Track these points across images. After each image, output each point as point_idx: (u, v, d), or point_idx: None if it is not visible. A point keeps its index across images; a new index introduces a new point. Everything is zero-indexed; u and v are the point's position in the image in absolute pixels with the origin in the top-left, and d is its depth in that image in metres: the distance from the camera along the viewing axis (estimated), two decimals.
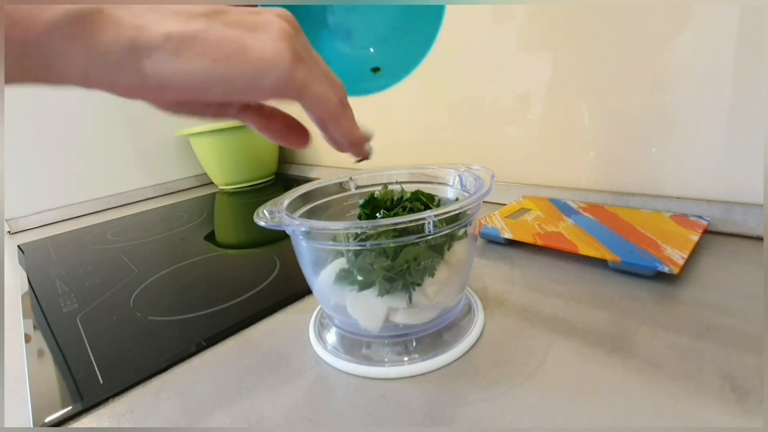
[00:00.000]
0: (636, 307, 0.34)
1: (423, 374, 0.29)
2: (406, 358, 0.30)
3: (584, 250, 0.42)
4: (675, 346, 0.29)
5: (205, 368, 0.33)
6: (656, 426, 0.23)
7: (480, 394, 0.27)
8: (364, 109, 0.95)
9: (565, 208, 0.55)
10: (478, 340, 0.32)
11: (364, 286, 0.30)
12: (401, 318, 0.30)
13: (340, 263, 0.30)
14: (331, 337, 0.34)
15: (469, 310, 0.35)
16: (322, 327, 0.36)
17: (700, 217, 0.47)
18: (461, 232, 0.30)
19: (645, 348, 0.29)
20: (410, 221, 0.26)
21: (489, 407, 0.26)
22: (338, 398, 0.29)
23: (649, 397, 0.25)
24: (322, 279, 0.31)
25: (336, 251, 0.30)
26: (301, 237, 0.30)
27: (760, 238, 0.44)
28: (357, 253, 0.29)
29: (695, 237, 0.42)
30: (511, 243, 0.49)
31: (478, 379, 0.28)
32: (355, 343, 0.32)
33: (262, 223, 0.28)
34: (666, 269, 0.37)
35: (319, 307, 0.39)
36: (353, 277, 0.30)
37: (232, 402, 0.29)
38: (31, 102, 0.89)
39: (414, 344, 0.31)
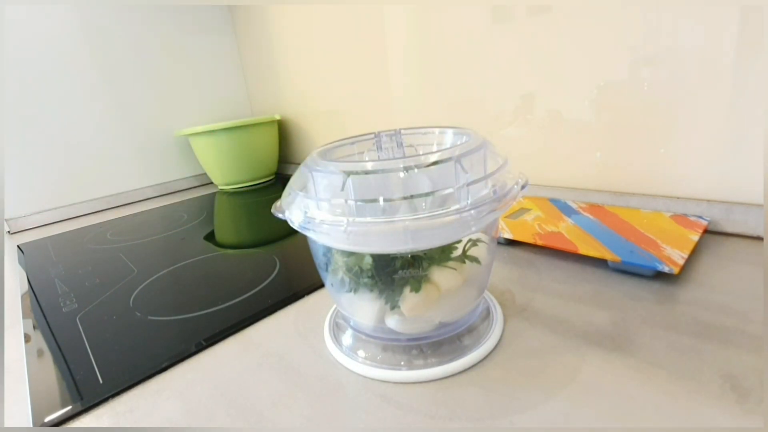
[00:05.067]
0: (636, 306, 0.34)
1: (439, 379, 0.28)
2: (421, 362, 0.29)
3: (584, 249, 0.42)
4: (675, 346, 0.29)
5: (204, 368, 0.33)
6: (656, 426, 0.23)
7: (486, 401, 0.27)
8: (365, 108, 0.96)
9: (565, 208, 0.55)
10: (497, 345, 0.31)
11: (349, 287, 0.29)
12: (393, 324, 0.30)
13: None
14: (347, 339, 0.33)
15: (487, 315, 0.34)
16: (337, 328, 0.35)
17: (700, 216, 0.47)
18: (464, 246, 0.29)
19: (645, 348, 0.29)
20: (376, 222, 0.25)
21: (492, 409, 0.26)
22: (343, 400, 0.28)
23: (649, 397, 0.25)
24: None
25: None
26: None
27: (760, 238, 0.44)
28: (349, 253, 0.29)
29: (695, 237, 0.42)
30: (511, 243, 0.49)
31: (486, 385, 0.28)
32: (370, 345, 0.31)
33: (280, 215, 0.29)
34: (666, 269, 0.37)
35: (334, 307, 0.38)
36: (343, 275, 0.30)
37: (232, 402, 0.29)
38: (31, 101, 0.89)
39: (431, 348, 0.30)
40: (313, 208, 0.27)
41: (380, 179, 0.26)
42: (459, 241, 0.29)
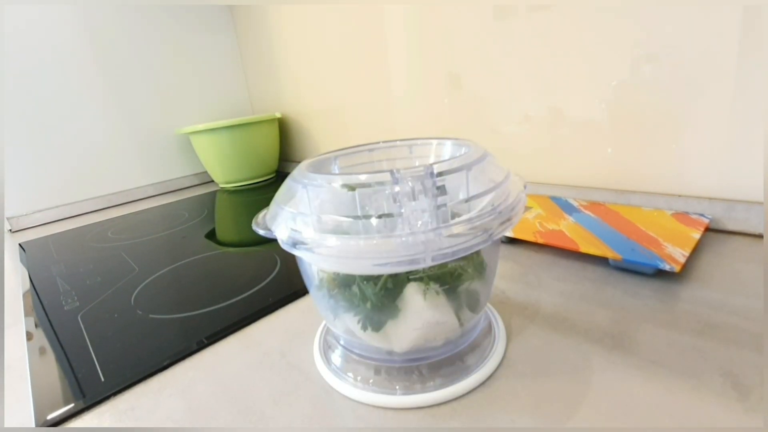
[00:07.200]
0: (637, 304, 0.34)
1: (438, 404, 0.26)
2: (419, 386, 0.27)
3: (585, 247, 0.42)
4: (676, 344, 0.29)
5: (206, 366, 0.33)
6: (657, 424, 0.23)
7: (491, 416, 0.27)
8: (366, 107, 0.95)
9: (566, 206, 0.55)
10: (499, 365, 0.29)
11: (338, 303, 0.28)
12: (385, 343, 0.28)
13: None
14: (336, 358, 0.31)
15: (489, 330, 0.32)
16: (327, 346, 0.33)
17: (702, 214, 0.47)
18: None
19: (646, 346, 0.29)
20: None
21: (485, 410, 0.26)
22: (340, 416, 0.28)
23: (650, 395, 0.25)
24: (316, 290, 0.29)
25: None
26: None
27: (761, 236, 0.44)
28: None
29: (696, 235, 0.42)
30: (512, 241, 0.49)
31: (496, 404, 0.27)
32: (361, 366, 0.29)
33: (261, 232, 0.27)
34: (667, 267, 0.36)
35: (324, 323, 0.36)
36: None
37: (233, 399, 0.29)
38: (32, 100, 0.89)
39: (429, 370, 0.28)
40: (306, 226, 0.25)
41: (381, 193, 0.24)
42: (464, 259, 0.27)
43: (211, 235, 0.69)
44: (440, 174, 0.23)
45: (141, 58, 1.02)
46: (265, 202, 0.29)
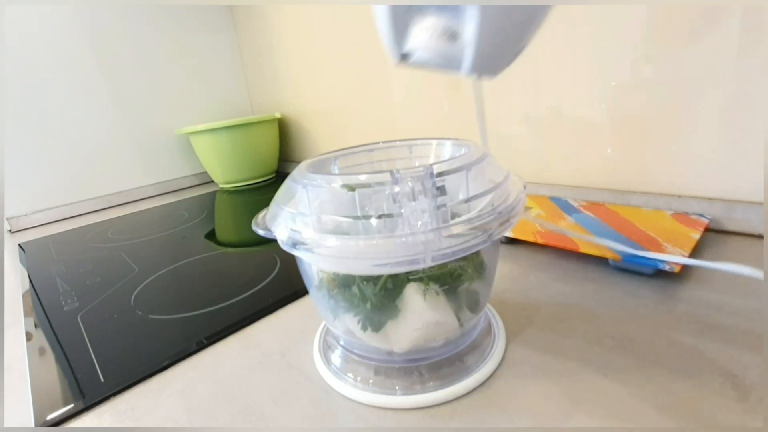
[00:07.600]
0: (637, 305, 0.34)
1: (438, 405, 0.26)
2: (418, 386, 0.27)
3: (585, 248, 0.42)
4: (675, 345, 0.29)
5: (206, 367, 0.33)
6: (657, 425, 0.23)
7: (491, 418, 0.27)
8: (365, 107, 0.95)
9: (565, 206, 0.55)
10: (499, 365, 0.29)
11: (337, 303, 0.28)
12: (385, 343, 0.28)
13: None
14: (336, 358, 0.31)
15: (489, 331, 0.32)
16: (327, 346, 0.33)
17: (701, 215, 0.47)
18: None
19: (646, 346, 0.29)
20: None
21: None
22: (340, 416, 0.28)
23: (650, 396, 0.25)
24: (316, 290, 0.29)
25: None
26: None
27: (761, 236, 0.44)
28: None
29: (696, 235, 0.42)
30: (512, 241, 0.49)
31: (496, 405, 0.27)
32: (360, 366, 0.29)
33: (260, 232, 0.27)
34: (667, 267, 0.36)
35: (323, 324, 0.36)
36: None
37: (233, 400, 0.29)
38: (33, 100, 0.89)
39: (429, 370, 0.28)
40: (306, 226, 0.25)
41: (380, 193, 0.24)
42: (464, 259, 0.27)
43: (211, 236, 0.69)
44: (440, 174, 0.23)
45: (141, 58, 1.02)
46: (265, 203, 0.29)
